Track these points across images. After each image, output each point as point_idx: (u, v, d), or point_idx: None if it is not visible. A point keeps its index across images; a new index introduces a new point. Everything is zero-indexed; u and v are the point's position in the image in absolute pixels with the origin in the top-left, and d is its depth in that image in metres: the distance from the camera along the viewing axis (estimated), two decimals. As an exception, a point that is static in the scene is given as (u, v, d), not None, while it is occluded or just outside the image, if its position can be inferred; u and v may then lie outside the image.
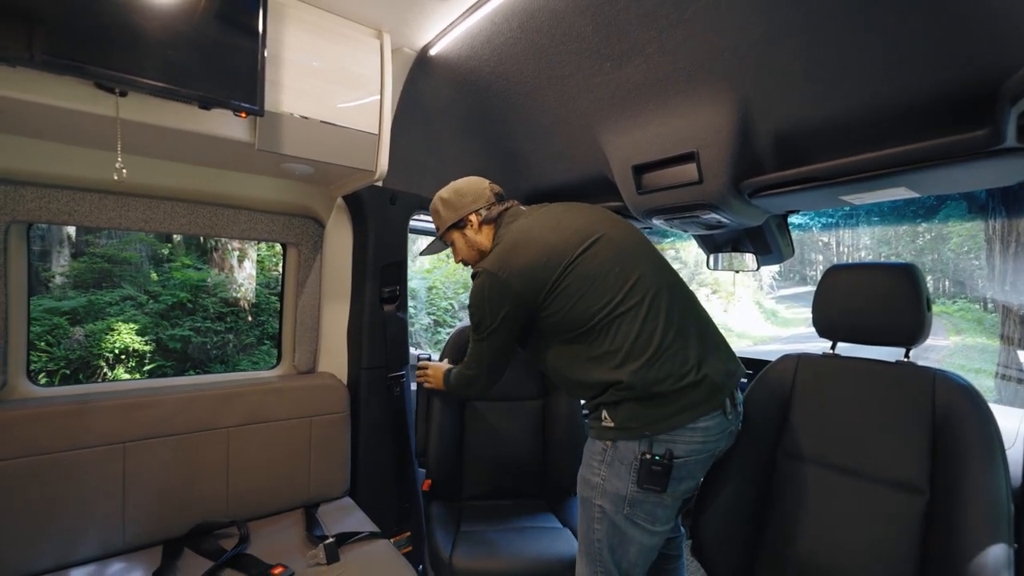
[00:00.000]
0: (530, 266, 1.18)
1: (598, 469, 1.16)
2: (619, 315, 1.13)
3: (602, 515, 1.15)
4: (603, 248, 1.19)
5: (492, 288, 1.20)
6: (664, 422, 1.10)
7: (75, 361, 6.10)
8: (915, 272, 1.16)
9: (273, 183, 1.67)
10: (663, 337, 1.12)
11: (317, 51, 1.31)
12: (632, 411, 1.11)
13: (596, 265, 1.17)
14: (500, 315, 1.21)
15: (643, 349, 1.11)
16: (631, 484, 1.11)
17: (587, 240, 1.19)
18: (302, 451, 1.68)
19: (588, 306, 1.14)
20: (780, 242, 1.85)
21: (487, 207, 1.35)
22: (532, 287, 1.17)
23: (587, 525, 1.19)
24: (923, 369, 1.15)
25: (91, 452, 1.32)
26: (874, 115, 1.11)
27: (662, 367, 1.10)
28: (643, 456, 1.09)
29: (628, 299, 1.14)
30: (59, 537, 1.28)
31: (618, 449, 1.13)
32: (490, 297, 1.21)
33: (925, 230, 10.79)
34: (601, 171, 1.74)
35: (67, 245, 6.78)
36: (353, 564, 1.34)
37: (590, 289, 1.15)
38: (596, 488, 1.16)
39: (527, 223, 1.27)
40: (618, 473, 1.13)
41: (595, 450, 1.18)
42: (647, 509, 1.13)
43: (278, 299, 7.54)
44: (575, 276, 1.16)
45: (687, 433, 1.11)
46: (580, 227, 1.23)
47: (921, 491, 1.07)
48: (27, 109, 1.04)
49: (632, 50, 1.26)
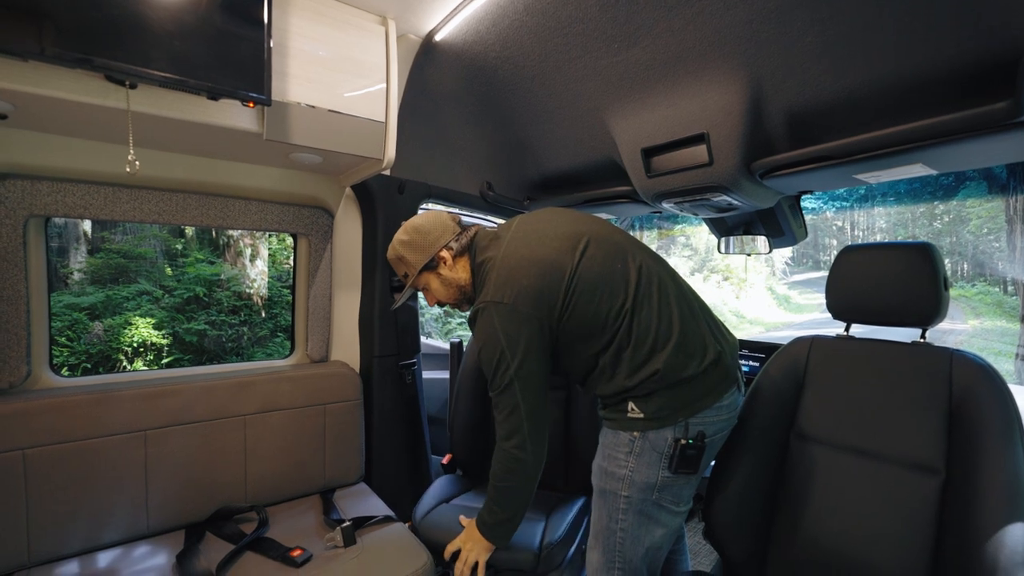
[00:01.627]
0: (533, 286, 1.10)
1: (625, 461, 1.12)
2: (636, 309, 1.11)
3: (628, 506, 1.13)
4: (597, 247, 1.16)
5: (502, 320, 1.09)
6: (697, 403, 1.10)
7: (95, 355, 6.25)
8: (931, 251, 1.14)
9: (283, 174, 1.68)
10: (681, 321, 1.12)
11: (323, 39, 1.31)
12: (664, 400, 1.09)
13: (599, 265, 1.13)
14: (521, 347, 1.09)
15: (667, 336, 1.10)
16: (663, 471, 1.10)
17: (579, 243, 1.15)
18: (317, 438, 1.71)
19: (607, 307, 1.11)
20: (793, 224, 1.82)
21: (455, 238, 1.24)
22: (544, 305, 1.10)
23: (608, 517, 1.16)
24: (940, 349, 1.13)
25: (114, 440, 1.36)
26: (890, 89, 1.08)
27: (687, 350, 1.10)
28: (679, 442, 1.08)
29: (639, 291, 1.12)
30: (86, 521, 1.32)
31: (648, 438, 1.10)
32: (504, 331, 1.09)
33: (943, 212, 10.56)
34: (609, 155, 1.72)
35: (84, 242, 6.91)
36: (369, 547, 1.37)
37: (602, 291, 1.11)
38: (622, 480, 1.12)
39: (508, 244, 1.18)
40: (649, 461, 1.10)
41: (619, 442, 1.13)
42: (675, 491, 1.13)
43: (290, 291, 7.65)
44: (583, 282, 1.11)
45: (714, 413, 1.12)
46: (565, 233, 1.17)
47: (937, 471, 1.06)
48: (40, 103, 1.06)
49: (640, 30, 1.24)
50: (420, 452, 2.00)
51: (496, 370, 1.11)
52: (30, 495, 1.25)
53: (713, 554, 2.04)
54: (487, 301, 1.12)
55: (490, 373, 1.14)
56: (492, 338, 1.10)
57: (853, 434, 1.19)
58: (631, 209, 2.02)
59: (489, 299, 1.12)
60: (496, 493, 1.19)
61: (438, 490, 1.75)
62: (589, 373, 1.19)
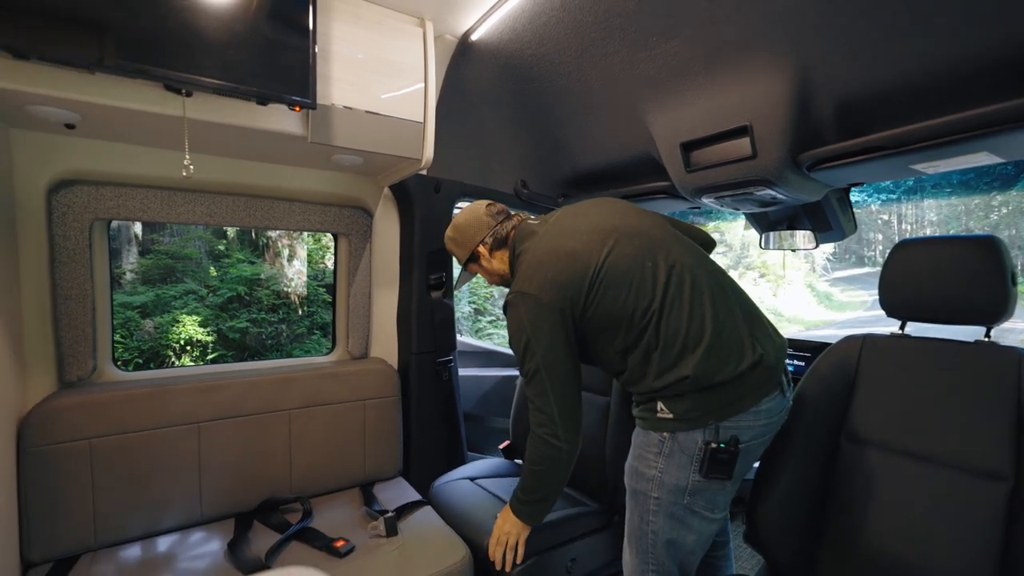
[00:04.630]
0: (557, 279, 1.12)
1: (655, 461, 1.11)
2: (664, 309, 1.08)
3: (658, 507, 1.11)
4: (628, 242, 1.14)
5: (527, 310, 1.13)
6: (729, 407, 1.06)
7: (146, 351, 6.60)
8: (998, 244, 1.08)
9: (324, 175, 1.73)
10: (714, 323, 1.07)
11: (363, 43, 1.34)
12: (694, 402, 1.07)
13: (627, 261, 1.11)
14: (545, 336, 1.12)
15: (698, 339, 1.06)
16: (693, 474, 1.08)
17: (609, 238, 1.14)
18: (357, 432, 1.75)
19: (633, 305, 1.09)
20: (841, 217, 1.75)
21: (491, 233, 1.30)
22: (566, 297, 1.11)
23: (640, 518, 1.15)
24: (1008, 349, 1.07)
25: (171, 431, 1.44)
26: (951, 74, 1.02)
27: (719, 354, 1.06)
28: (708, 446, 1.05)
29: (668, 291, 1.09)
30: (146, 508, 1.40)
31: (678, 440, 1.08)
32: (530, 321, 1.12)
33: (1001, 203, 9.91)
34: (646, 151, 1.70)
35: (135, 244, 7.30)
36: (410, 539, 1.40)
37: (628, 287, 1.10)
38: (652, 480, 1.11)
39: (542, 238, 1.21)
40: (679, 464, 1.09)
41: (650, 442, 1.13)
42: (708, 497, 1.10)
43: (326, 290, 7.84)
44: (608, 277, 1.10)
45: (750, 418, 1.08)
46: (597, 226, 1.17)
47: (1005, 478, 1.00)
48: (104, 113, 1.12)
49: (680, 22, 1.21)
50: (456, 448, 2.02)
51: (524, 358, 1.15)
52: (96, 482, 1.33)
53: (755, 557, 1.98)
54: (515, 292, 1.16)
55: (519, 360, 1.17)
56: (519, 327, 1.14)
57: (909, 437, 1.13)
58: (668, 205, 1.98)
59: (517, 290, 1.16)
60: (530, 476, 1.22)
61: (470, 469, 1.78)
62: (620, 373, 1.18)
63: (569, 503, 1.60)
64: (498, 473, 1.80)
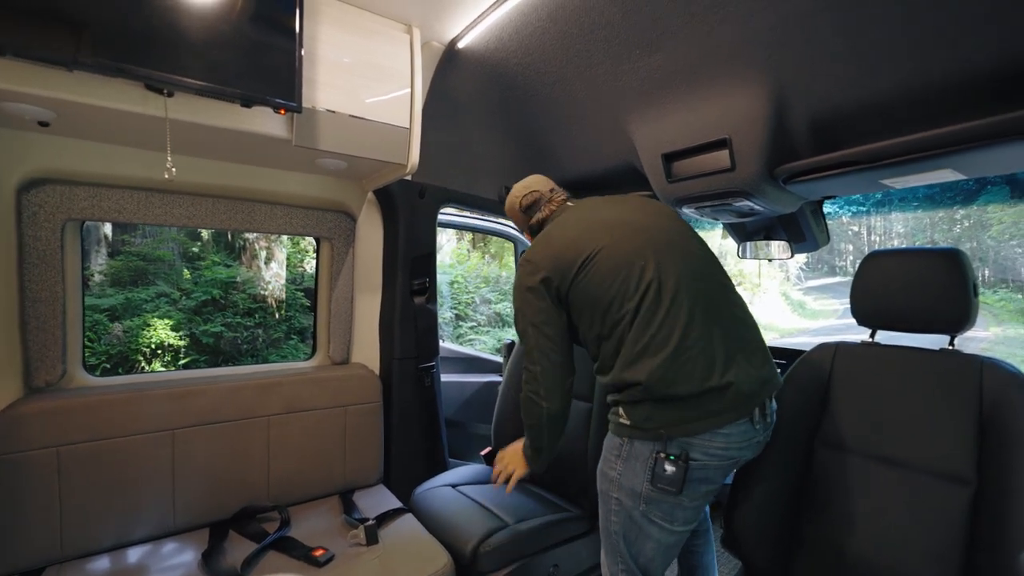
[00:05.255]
0: (554, 254, 1.22)
1: (614, 464, 1.16)
2: (641, 309, 1.11)
3: (619, 508, 1.15)
4: (629, 239, 1.18)
5: (526, 275, 1.25)
6: (680, 427, 1.06)
7: (115, 356, 6.37)
8: (961, 257, 1.13)
9: (307, 179, 1.72)
10: (682, 337, 1.07)
11: (350, 47, 1.34)
12: (648, 411, 1.09)
13: (620, 256, 1.15)
14: (535, 300, 1.22)
15: (660, 347, 1.07)
16: (646, 482, 1.10)
17: (614, 231, 1.20)
18: (337, 439, 1.73)
19: (613, 296, 1.14)
20: (815, 229, 1.81)
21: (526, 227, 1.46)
22: (557, 272, 1.20)
23: (605, 518, 1.20)
24: (970, 357, 1.12)
25: (144, 438, 1.39)
26: (919, 94, 1.08)
27: (680, 368, 1.06)
28: (657, 455, 1.08)
29: (648, 293, 1.11)
30: (116, 518, 1.35)
31: (634, 446, 1.12)
32: (525, 284, 1.24)
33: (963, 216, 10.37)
34: (629, 161, 1.73)
35: (104, 244, 7.06)
36: (391, 547, 1.38)
37: (614, 279, 1.14)
38: (613, 482, 1.16)
39: (561, 219, 1.33)
40: (633, 469, 1.12)
41: (612, 445, 1.18)
42: (664, 509, 1.10)
43: (304, 295, 7.71)
44: (598, 264, 1.16)
45: (706, 437, 1.07)
46: (606, 221, 1.24)
47: (967, 481, 1.04)
48: (82, 111, 1.09)
49: (663, 36, 1.25)
50: (438, 454, 2.01)
51: (517, 317, 1.27)
52: (63, 491, 1.28)
53: (733, 561, 2.02)
54: (523, 257, 1.29)
55: (515, 320, 1.29)
56: (517, 289, 1.27)
57: (879, 442, 1.17)
58: (650, 214, 2.02)
59: (524, 256, 1.29)
60: (527, 430, 1.32)
61: (452, 476, 1.77)
62: (595, 358, 1.24)
63: (551, 509, 1.61)
64: (480, 480, 1.80)
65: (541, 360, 1.21)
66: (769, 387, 1.14)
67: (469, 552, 1.37)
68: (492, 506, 1.58)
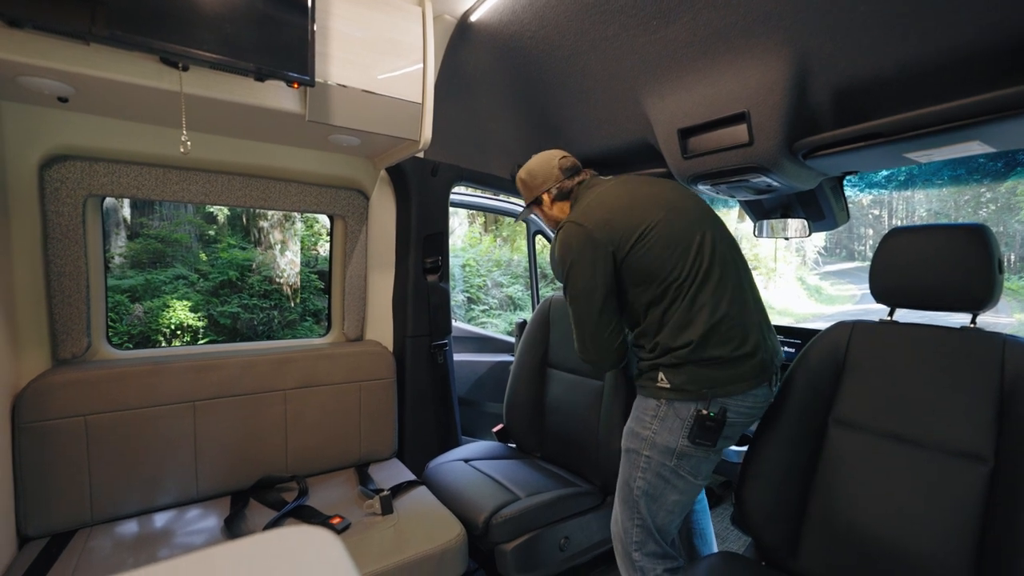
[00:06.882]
0: (612, 220, 1.23)
1: (649, 423, 1.22)
2: (699, 278, 1.19)
3: (648, 465, 1.22)
4: (682, 216, 1.25)
5: (578, 240, 1.24)
6: (721, 387, 1.17)
7: (136, 336, 6.54)
8: (986, 232, 1.10)
9: (321, 156, 1.72)
10: (728, 307, 1.19)
11: (362, 21, 1.32)
12: (691, 374, 1.18)
13: (678, 229, 1.22)
14: (587, 266, 1.23)
15: (710, 315, 1.17)
16: (682, 438, 1.19)
17: (664, 207, 1.25)
18: (352, 413, 1.77)
19: (671, 266, 1.20)
20: (835, 206, 1.77)
21: (557, 185, 1.40)
22: (614, 239, 1.22)
23: (629, 475, 1.26)
24: (991, 334, 1.09)
25: (166, 409, 1.44)
26: (946, 62, 1.04)
27: (725, 335, 1.17)
28: (699, 413, 1.17)
29: (707, 264, 1.20)
30: (142, 485, 1.40)
31: (673, 407, 1.20)
32: (578, 249, 1.24)
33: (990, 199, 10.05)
34: (643, 136, 1.70)
35: (123, 227, 7.19)
36: (405, 517, 1.42)
37: (673, 250, 1.21)
38: (645, 440, 1.22)
39: (602, 191, 1.32)
40: (671, 428, 1.20)
41: (647, 406, 1.24)
42: (693, 463, 1.21)
43: (319, 277, 7.79)
44: (658, 235, 1.21)
45: (739, 398, 1.19)
46: (655, 195, 1.28)
47: (985, 460, 1.03)
48: (99, 86, 1.10)
49: (680, 6, 1.21)
50: (450, 430, 2.04)
51: (566, 282, 1.28)
52: (91, 458, 1.33)
53: (743, 539, 2.03)
54: (571, 220, 1.28)
55: (563, 282, 1.31)
56: (566, 251, 1.26)
57: (894, 421, 1.16)
58: (664, 192, 1.99)
59: (573, 219, 1.27)
60: None
61: (465, 451, 1.81)
62: (636, 324, 1.29)
63: (562, 484, 1.63)
64: (492, 455, 1.83)
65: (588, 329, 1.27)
66: (779, 357, 1.30)
67: (482, 523, 1.40)
68: (504, 480, 1.61)
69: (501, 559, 1.40)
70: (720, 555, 1.21)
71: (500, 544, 1.40)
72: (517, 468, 1.72)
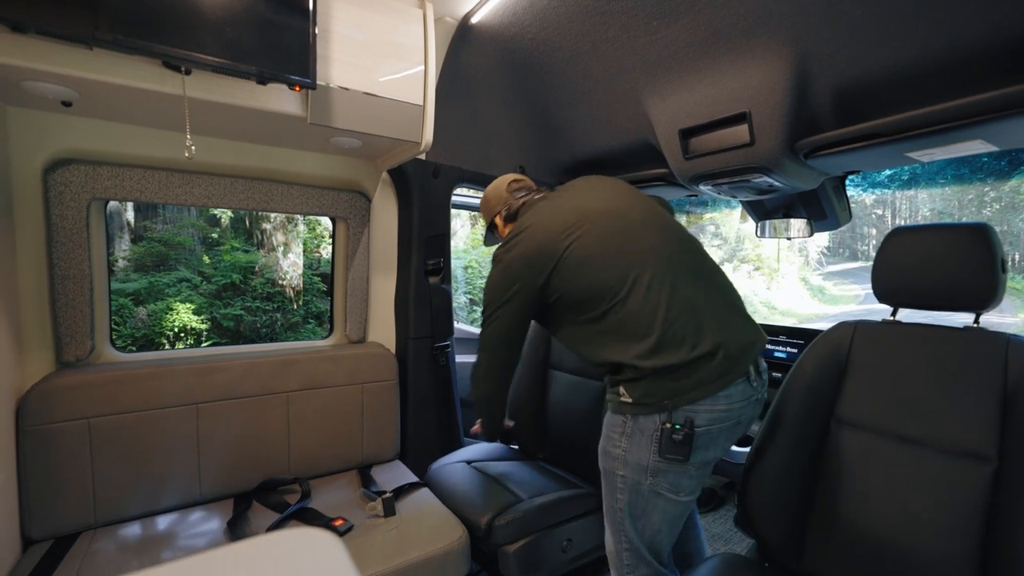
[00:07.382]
0: (527, 253, 1.22)
1: (619, 441, 1.17)
2: (623, 293, 1.13)
3: (624, 485, 1.17)
4: (605, 226, 1.20)
5: (497, 272, 1.27)
6: (681, 396, 1.09)
7: (140, 339, 6.57)
8: (988, 232, 1.09)
9: (323, 159, 1.73)
10: (667, 313, 1.11)
11: (364, 24, 1.33)
12: (648, 387, 1.12)
13: (593, 244, 1.17)
14: (506, 296, 1.24)
15: (648, 326, 1.11)
16: (653, 454, 1.12)
17: (585, 221, 1.20)
18: (355, 415, 1.77)
19: (590, 286, 1.16)
20: (837, 206, 1.77)
21: (506, 207, 1.42)
22: (532, 271, 1.21)
23: (610, 496, 1.21)
24: (995, 334, 1.09)
25: (169, 411, 1.44)
26: (947, 61, 1.03)
27: (670, 342, 1.10)
28: (663, 427, 1.10)
29: (629, 276, 1.14)
30: (146, 487, 1.41)
31: (638, 421, 1.14)
32: (495, 282, 1.27)
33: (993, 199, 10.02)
34: (644, 137, 1.70)
35: (127, 230, 7.23)
36: (408, 519, 1.42)
37: (590, 269, 1.16)
38: (618, 459, 1.17)
39: (533, 211, 1.31)
40: (639, 444, 1.14)
41: (614, 423, 1.19)
42: (670, 479, 1.13)
43: (321, 279, 7.80)
44: (572, 258, 1.17)
45: (708, 403, 1.10)
46: (577, 208, 1.24)
47: (988, 459, 1.02)
48: (102, 90, 1.11)
49: (682, 6, 1.21)
50: (453, 432, 2.04)
51: (484, 310, 1.32)
52: (95, 461, 1.34)
53: (746, 540, 2.02)
54: (496, 254, 1.30)
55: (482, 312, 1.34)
56: (488, 283, 1.30)
57: (897, 420, 1.16)
58: (666, 192, 1.99)
59: (497, 254, 1.30)
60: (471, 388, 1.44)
61: (467, 452, 1.81)
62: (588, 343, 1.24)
63: (564, 486, 1.63)
64: (495, 457, 1.83)
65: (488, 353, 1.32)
66: (757, 347, 1.20)
67: (484, 525, 1.40)
68: (507, 482, 1.61)
69: (504, 561, 1.40)
70: (723, 557, 1.21)
71: (503, 546, 1.40)
72: (520, 470, 1.72)
